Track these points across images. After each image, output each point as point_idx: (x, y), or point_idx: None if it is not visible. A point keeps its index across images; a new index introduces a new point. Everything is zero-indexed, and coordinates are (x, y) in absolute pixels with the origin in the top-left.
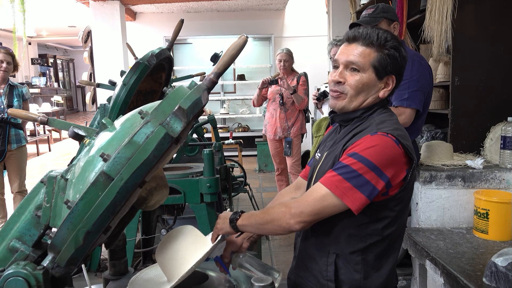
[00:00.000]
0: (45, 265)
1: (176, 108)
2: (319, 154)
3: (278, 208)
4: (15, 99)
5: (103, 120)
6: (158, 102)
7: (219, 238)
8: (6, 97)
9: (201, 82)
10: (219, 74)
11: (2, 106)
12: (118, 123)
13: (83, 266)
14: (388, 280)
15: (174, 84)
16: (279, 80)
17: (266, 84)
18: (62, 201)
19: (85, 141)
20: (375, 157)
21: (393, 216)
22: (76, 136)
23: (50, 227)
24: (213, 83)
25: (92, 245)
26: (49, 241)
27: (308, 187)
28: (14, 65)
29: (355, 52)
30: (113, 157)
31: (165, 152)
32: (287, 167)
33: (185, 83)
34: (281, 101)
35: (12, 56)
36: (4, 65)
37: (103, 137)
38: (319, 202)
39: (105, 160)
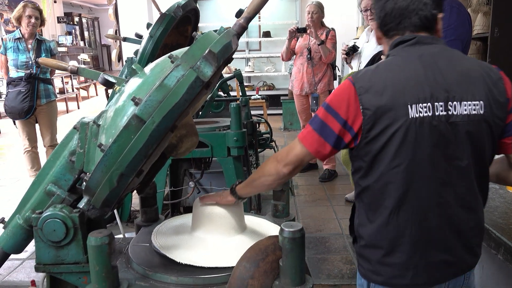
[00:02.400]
0: (81, 207)
1: (206, 52)
2: None
3: (266, 162)
4: (43, 54)
5: (133, 66)
6: (187, 47)
7: None
8: (34, 52)
9: (230, 28)
10: (249, 18)
11: (30, 62)
12: (147, 68)
13: (116, 214)
14: (378, 235)
15: None
16: (307, 28)
17: (294, 33)
18: (95, 147)
19: (116, 88)
20: (330, 98)
21: (366, 168)
22: (107, 83)
23: (84, 172)
24: (243, 28)
25: (125, 188)
26: (84, 185)
27: None
28: (41, 20)
29: None
30: (145, 100)
31: (196, 96)
32: None
33: None
34: (308, 55)
35: (40, 11)
36: (32, 20)
37: (134, 83)
38: (291, 150)
39: (136, 104)
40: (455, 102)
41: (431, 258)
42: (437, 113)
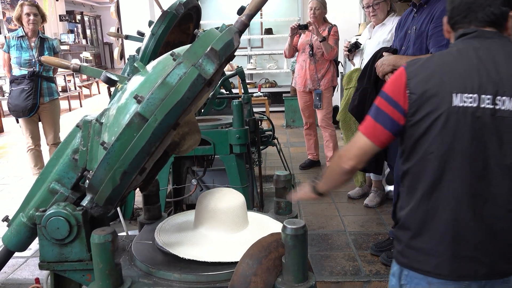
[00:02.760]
0: (84, 204)
1: (208, 49)
2: None
3: (333, 159)
4: (46, 52)
5: (135, 64)
6: (189, 45)
7: None
8: (37, 50)
9: (232, 25)
10: (251, 16)
11: (33, 60)
12: (150, 66)
13: (120, 212)
14: (409, 217)
15: None
16: (309, 25)
17: (296, 30)
18: (97, 145)
19: (118, 86)
20: (387, 86)
21: (407, 151)
22: (109, 81)
23: (87, 170)
24: (245, 25)
25: (128, 185)
26: (87, 183)
27: None
28: (41, 16)
29: None
30: (147, 98)
31: (198, 94)
32: (317, 121)
33: None
34: (310, 52)
35: (37, 7)
36: (31, 17)
37: (136, 81)
38: (354, 143)
39: (139, 101)
40: (504, 97)
41: (458, 251)
42: (482, 105)
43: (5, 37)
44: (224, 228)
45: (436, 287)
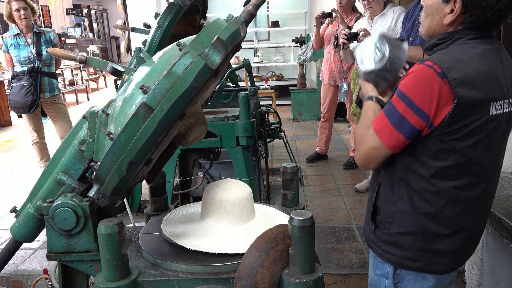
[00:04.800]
0: (91, 195)
1: (214, 39)
2: None
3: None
4: (44, 47)
5: (141, 54)
6: (195, 35)
7: None
8: (34, 45)
9: (238, 15)
10: (257, 5)
11: (32, 56)
12: (156, 57)
13: (127, 204)
14: (426, 223)
15: None
16: (333, 13)
17: (321, 19)
18: (104, 136)
19: (124, 77)
20: (410, 90)
21: (431, 156)
22: (115, 72)
23: (94, 161)
24: (252, 15)
25: (135, 176)
26: (94, 174)
27: None
28: (31, 9)
29: None
30: (153, 88)
31: (204, 84)
32: (346, 114)
33: None
34: (335, 43)
35: (24, 1)
36: (22, 12)
37: (142, 71)
38: (365, 141)
39: (145, 92)
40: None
41: (466, 249)
42: (505, 110)
43: (1, 37)
44: (230, 219)
45: (431, 281)
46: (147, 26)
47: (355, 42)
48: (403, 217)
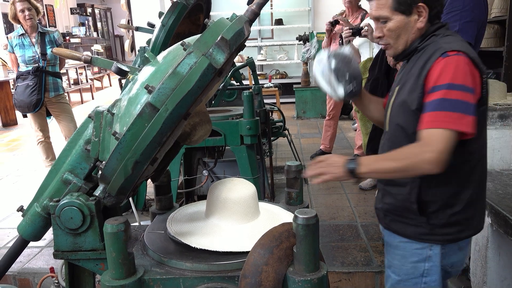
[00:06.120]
0: (97, 194)
1: (218, 39)
2: (394, 88)
3: (409, 157)
4: (48, 46)
5: (145, 54)
6: (200, 35)
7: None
8: (39, 45)
9: (242, 14)
10: (261, 4)
11: (37, 56)
12: (160, 56)
13: (132, 203)
14: (472, 195)
15: None
16: (339, 20)
17: (330, 29)
18: (109, 135)
19: (129, 77)
20: (462, 78)
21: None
22: (120, 72)
23: (100, 160)
24: (255, 14)
25: (140, 175)
26: (99, 173)
27: (385, 117)
28: (35, 9)
29: (375, 7)
30: (158, 88)
31: (209, 84)
32: (350, 111)
33: None
34: (340, 41)
35: (28, 1)
36: (26, 12)
37: (147, 71)
38: (445, 143)
39: (149, 91)
40: None
41: (483, 208)
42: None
43: (7, 37)
44: (235, 218)
45: (463, 248)
46: (151, 25)
47: (358, 38)
48: (456, 197)
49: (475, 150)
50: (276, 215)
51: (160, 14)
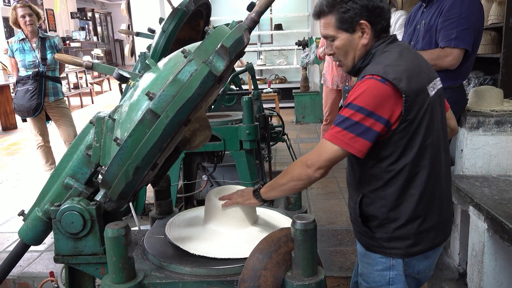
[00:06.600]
0: (98, 199)
1: (218, 46)
2: None
3: (293, 166)
4: (48, 51)
5: (146, 61)
6: (200, 42)
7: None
8: (39, 50)
9: (242, 22)
10: (260, 12)
11: (37, 61)
12: (161, 63)
13: (132, 207)
14: (418, 207)
15: None
16: None
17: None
18: (110, 141)
19: (130, 83)
20: (368, 102)
21: (400, 151)
22: (121, 78)
23: (101, 165)
24: (255, 22)
25: (141, 180)
26: (100, 178)
27: None
28: (36, 14)
29: (322, 26)
30: (159, 94)
31: (209, 91)
32: None
33: None
34: None
35: (30, 7)
36: (27, 18)
37: (148, 78)
38: (328, 155)
39: (150, 98)
40: (434, 80)
41: (443, 216)
42: (434, 91)
43: (7, 42)
44: (233, 223)
45: (430, 256)
46: (152, 31)
47: None
48: (396, 212)
49: (404, 166)
50: (274, 220)
51: (161, 19)
